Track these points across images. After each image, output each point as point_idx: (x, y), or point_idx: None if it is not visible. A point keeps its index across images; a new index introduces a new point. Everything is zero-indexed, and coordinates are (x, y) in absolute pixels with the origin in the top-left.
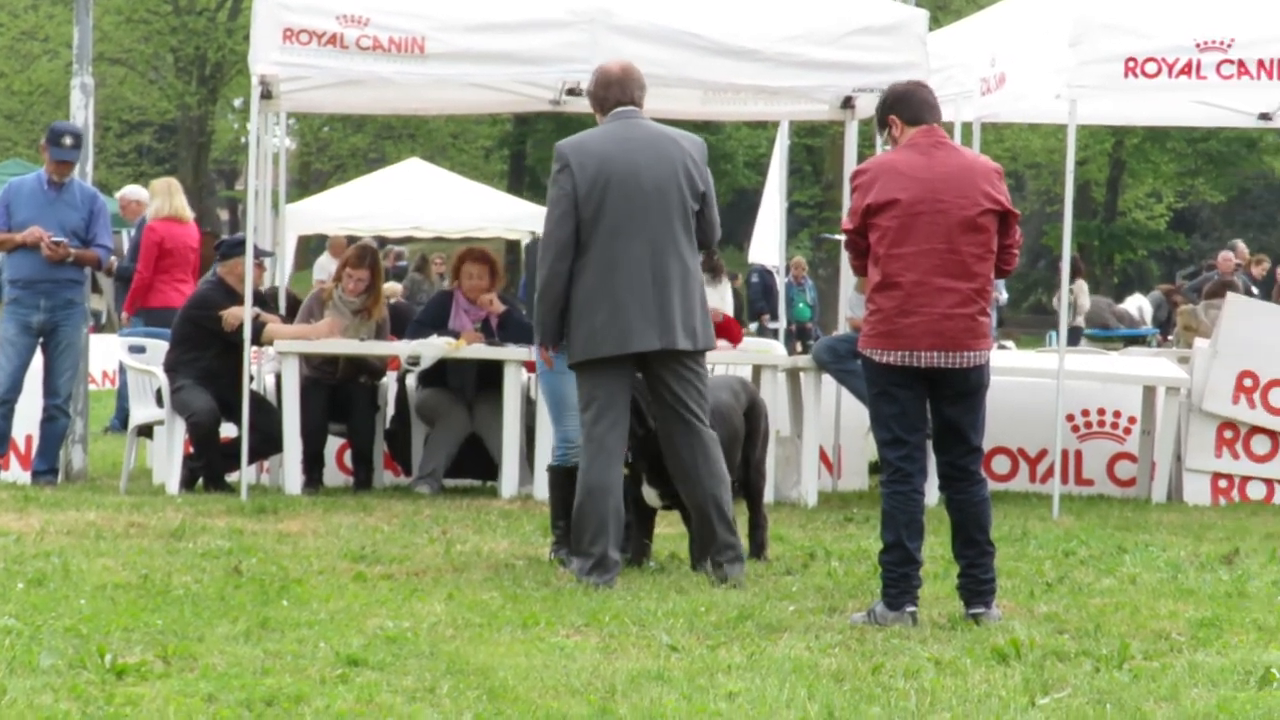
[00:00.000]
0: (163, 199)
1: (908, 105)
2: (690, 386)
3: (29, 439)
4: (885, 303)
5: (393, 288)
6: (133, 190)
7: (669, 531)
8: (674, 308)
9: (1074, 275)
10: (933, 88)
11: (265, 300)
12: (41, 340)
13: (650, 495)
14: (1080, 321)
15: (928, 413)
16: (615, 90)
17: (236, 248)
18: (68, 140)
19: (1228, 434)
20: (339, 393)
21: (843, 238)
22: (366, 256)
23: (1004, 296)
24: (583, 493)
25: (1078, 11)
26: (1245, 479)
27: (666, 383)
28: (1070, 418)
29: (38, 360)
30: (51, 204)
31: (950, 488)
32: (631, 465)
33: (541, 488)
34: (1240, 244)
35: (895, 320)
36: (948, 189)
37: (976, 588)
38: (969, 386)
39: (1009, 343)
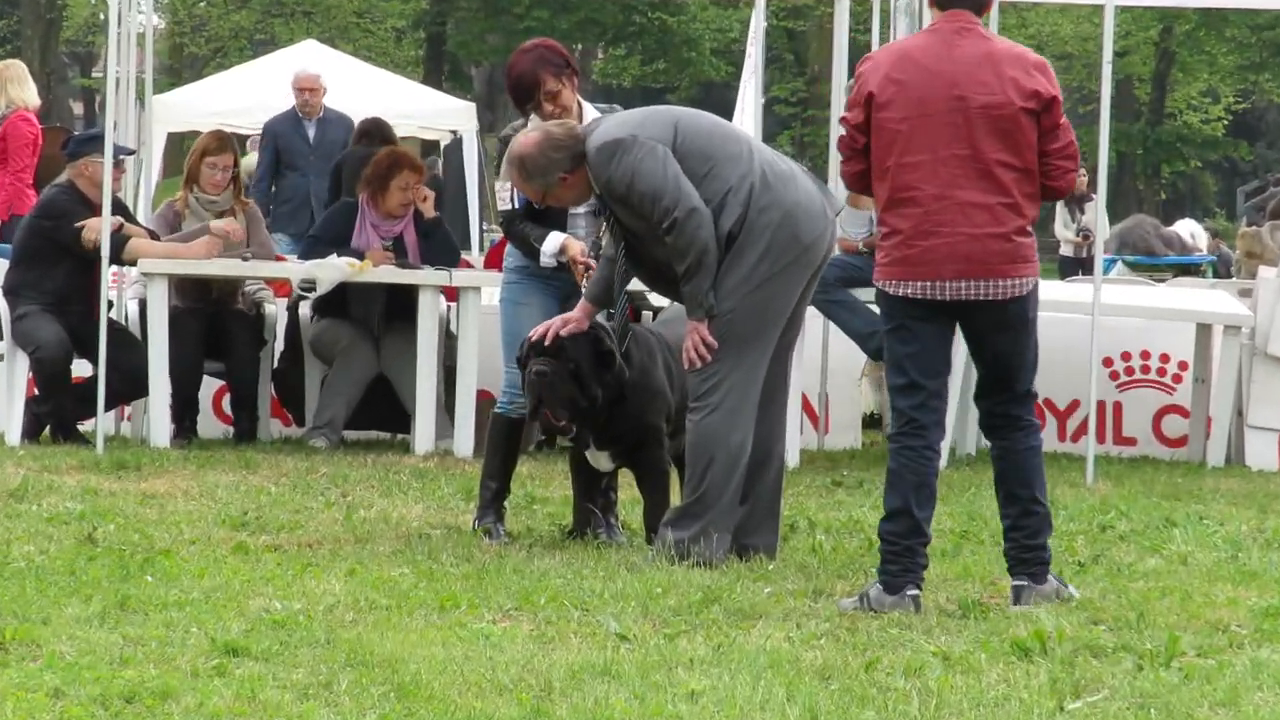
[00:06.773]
0: (17, 87)
1: None
2: None
3: None
4: (899, 223)
5: None
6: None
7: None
8: None
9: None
10: None
11: (126, 210)
12: None
13: (600, 459)
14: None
15: (951, 355)
16: None
17: (88, 144)
18: None
19: None
20: (216, 324)
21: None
22: (228, 141)
23: None
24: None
25: None
26: None
27: None
28: (1108, 363)
29: None
30: None
31: (993, 435)
32: (578, 434)
33: (463, 442)
34: None
35: (913, 243)
36: (969, 81)
37: (1019, 554)
38: (1008, 321)
39: None
